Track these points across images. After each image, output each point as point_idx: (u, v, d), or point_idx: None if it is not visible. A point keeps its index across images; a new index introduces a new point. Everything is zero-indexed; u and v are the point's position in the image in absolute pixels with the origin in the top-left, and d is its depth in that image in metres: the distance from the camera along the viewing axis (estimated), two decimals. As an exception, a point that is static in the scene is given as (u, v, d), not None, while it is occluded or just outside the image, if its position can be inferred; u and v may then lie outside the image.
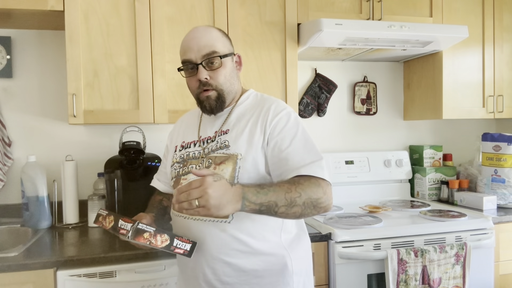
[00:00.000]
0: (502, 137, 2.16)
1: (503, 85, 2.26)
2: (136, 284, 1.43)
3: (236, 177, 1.10)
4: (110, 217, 1.06)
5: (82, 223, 1.87)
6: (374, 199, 2.28)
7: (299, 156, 1.09)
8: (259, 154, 1.12)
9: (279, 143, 1.11)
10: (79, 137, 2.05)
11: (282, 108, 1.17)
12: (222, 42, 1.17)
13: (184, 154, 1.24)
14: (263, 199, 0.98)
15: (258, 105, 1.20)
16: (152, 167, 1.87)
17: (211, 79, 1.15)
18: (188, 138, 1.26)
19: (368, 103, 2.43)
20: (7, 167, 1.94)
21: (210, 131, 1.22)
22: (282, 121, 1.14)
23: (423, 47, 2.05)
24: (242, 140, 1.14)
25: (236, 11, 1.85)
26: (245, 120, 1.18)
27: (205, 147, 1.20)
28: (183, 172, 1.20)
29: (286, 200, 1.00)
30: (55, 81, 2.02)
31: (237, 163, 1.11)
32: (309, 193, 1.03)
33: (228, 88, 1.18)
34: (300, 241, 1.22)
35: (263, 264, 1.12)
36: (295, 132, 1.13)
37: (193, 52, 1.14)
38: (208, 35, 1.15)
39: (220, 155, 1.14)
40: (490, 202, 2.05)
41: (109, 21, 1.73)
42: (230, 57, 1.18)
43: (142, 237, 0.99)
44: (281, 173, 1.10)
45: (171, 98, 1.80)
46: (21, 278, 1.34)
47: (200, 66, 1.14)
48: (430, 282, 1.66)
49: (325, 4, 1.99)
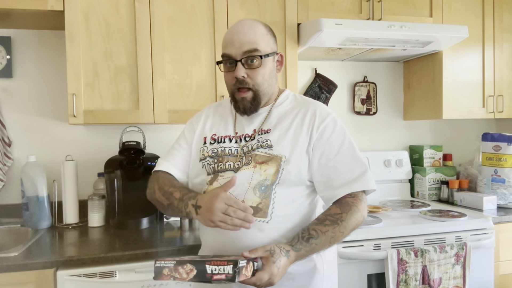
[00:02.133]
0: (502, 137, 2.15)
1: (503, 85, 2.26)
2: (136, 284, 1.43)
3: (278, 179, 1.09)
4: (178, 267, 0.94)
5: (82, 223, 1.87)
6: (374, 199, 2.28)
7: (347, 165, 1.10)
8: (303, 158, 1.11)
9: (327, 151, 1.11)
10: (79, 137, 2.05)
11: (328, 113, 1.15)
12: (266, 40, 1.13)
13: (217, 149, 1.18)
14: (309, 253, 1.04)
15: (300, 106, 1.18)
16: (152, 167, 1.85)
17: (248, 77, 1.12)
18: (221, 132, 1.21)
19: (368, 103, 2.43)
20: (7, 167, 1.94)
21: (248, 129, 1.18)
22: (329, 127, 1.12)
23: (423, 47, 2.05)
24: (286, 141, 1.12)
25: (236, 11, 1.85)
26: (288, 120, 1.15)
27: (243, 145, 1.16)
28: (219, 169, 1.15)
29: (330, 244, 1.06)
30: (55, 81, 2.02)
31: (281, 165, 1.09)
32: (351, 226, 1.07)
33: (265, 89, 1.15)
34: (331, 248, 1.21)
35: (295, 266, 1.09)
36: (343, 139, 1.13)
37: (234, 47, 1.10)
38: (253, 31, 1.11)
39: (262, 154, 1.11)
40: (490, 202, 2.05)
41: (109, 21, 1.73)
42: (271, 56, 1.14)
43: (163, 274, 0.91)
44: (327, 180, 1.11)
45: (171, 98, 1.80)
46: (21, 278, 1.34)
47: (239, 63, 1.10)
48: (430, 282, 1.66)
49: (325, 4, 1.99)
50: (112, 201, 1.83)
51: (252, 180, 1.10)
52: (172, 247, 1.48)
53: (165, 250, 1.47)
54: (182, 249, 1.49)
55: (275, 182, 1.08)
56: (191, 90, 1.82)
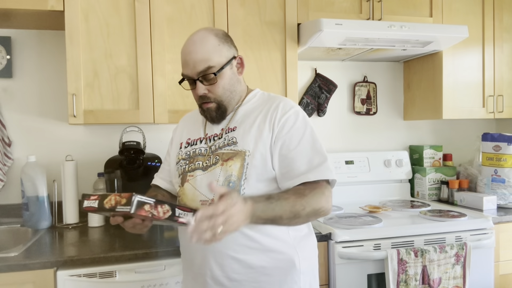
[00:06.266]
0: (502, 137, 2.15)
1: (503, 85, 2.26)
2: (136, 284, 1.43)
3: (244, 173, 1.11)
4: (106, 197, 0.99)
5: (82, 223, 1.87)
6: (374, 199, 2.28)
7: (306, 157, 1.11)
8: (267, 151, 1.12)
9: (287, 142, 1.12)
10: (79, 137, 2.05)
11: (290, 107, 1.17)
12: (219, 52, 1.14)
13: (190, 151, 1.24)
14: (269, 215, 1.00)
15: (265, 103, 1.20)
16: (152, 167, 1.87)
17: (209, 92, 1.15)
18: (194, 136, 1.27)
19: (368, 103, 2.43)
20: (7, 167, 1.94)
21: (216, 129, 1.22)
22: (290, 120, 1.14)
23: (423, 47, 2.05)
24: (250, 136, 1.14)
25: (236, 11, 1.85)
26: (253, 117, 1.18)
27: (211, 144, 1.20)
28: (190, 169, 1.20)
29: (290, 213, 1.02)
30: (55, 81, 2.02)
31: (245, 160, 1.12)
32: (313, 204, 1.05)
33: (228, 98, 1.18)
34: (308, 241, 1.22)
35: (272, 261, 1.12)
36: (303, 131, 1.14)
37: (189, 68, 1.14)
38: (203, 47, 1.12)
39: (227, 151, 1.15)
40: (490, 202, 2.05)
41: (109, 21, 1.73)
42: (228, 65, 1.16)
43: (143, 209, 0.95)
44: (287, 171, 1.11)
45: (171, 98, 1.80)
46: (21, 278, 1.34)
47: (197, 82, 1.14)
48: (430, 282, 1.66)
49: (325, 4, 1.99)
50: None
51: (219, 177, 1.12)
52: (172, 247, 1.48)
53: (165, 250, 1.47)
54: (182, 249, 1.49)
55: (242, 177, 1.10)
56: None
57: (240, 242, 1.10)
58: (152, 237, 1.64)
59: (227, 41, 1.18)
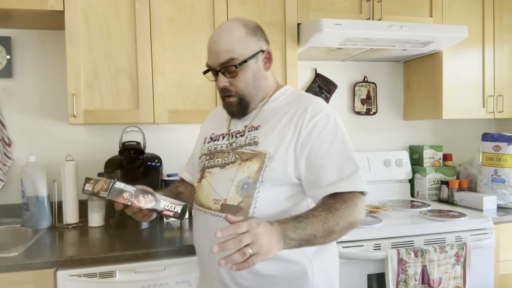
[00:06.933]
0: (502, 137, 2.15)
1: (503, 85, 2.26)
2: (136, 284, 1.43)
3: (261, 176, 1.05)
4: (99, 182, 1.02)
5: (82, 223, 1.87)
6: (374, 199, 2.28)
7: (336, 165, 1.04)
8: (289, 155, 1.06)
9: (316, 148, 1.05)
10: (79, 137, 2.05)
11: (320, 109, 1.09)
12: (244, 44, 1.09)
13: (211, 147, 1.21)
14: (302, 234, 0.93)
15: (294, 102, 1.13)
16: (152, 167, 1.87)
17: (231, 85, 1.11)
18: (218, 131, 1.23)
19: (368, 103, 2.43)
20: (7, 167, 1.94)
21: (240, 126, 1.18)
22: (320, 123, 1.07)
23: (423, 47, 2.05)
24: (272, 138, 1.08)
25: (236, 11, 1.85)
26: (278, 117, 1.11)
27: (233, 141, 1.16)
28: (209, 165, 1.16)
29: (324, 231, 0.95)
30: (55, 81, 2.02)
31: (264, 162, 1.06)
32: (347, 218, 0.98)
33: (251, 93, 1.13)
34: (326, 251, 1.15)
35: (282, 271, 1.06)
36: (334, 136, 1.07)
37: (212, 58, 1.11)
38: (228, 38, 1.08)
39: (247, 151, 1.10)
40: (490, 202, 2.05)
41: (109, 21, 1.73)
42: (253, 59, 1.10)
43: (122, 197, 0.96)
44: (314, 179, 1.05)
45: (171, 98, 1.80)
46: (21, 278, 1.34)
47: (219, 73, 1.10)
48: (430, 282, 1.66)
49: (325, 4, 1.99)
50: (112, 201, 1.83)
51: (235, 177, 1.08)
52: (172, 247, 1.48)
53: (165, 250, 1.47)
54: (182, 249, 1.49)
55: (258, 180, 1.05)
56: (191, 90, 1.82)
57: None
58: (152, 237, 1.64)
59: (256, 34, 1.13)
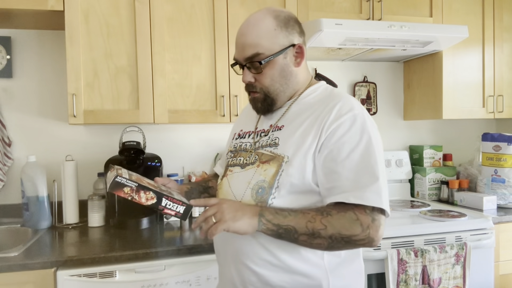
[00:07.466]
0: (502, 137, 2.15)
1: (503, 85, 2.26)
2: (136, 284, 1.43)
3: (276, 181, 0.98)
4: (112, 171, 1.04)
5: (82, 223, 1.87)
6: (374, 199, 2.28)
7: (353, 173, 0.93)
8: (308, 160, 0.97)
9: (335, 152, 0.95)
10: (79, 137, 2.05)
11: (348, 110, 0.98)
12: (272, 38, 1.01)
13: (237, 144, 1.16)
14: (280, 221, 0.91)
15: (323, 101, 1.04)
16: (152, 167, 1.87)
17: (256, 81, 1.05)
18: (246, 128, 1.18)
19: (368, 103, 2.43)
20: (7, 167, 1.94)
21: (266, 124, 1.11)
22: (344, 126, 0.96)
23: (423, 47, 2.05)
24: (292, 141, 1.01)
25: (236, 10, 1.85)
26: (303, 117, 1.03)
27: (257, 141, 1.10)
28: (232, 163, 1.12)
29: (307, 229, 0.91)
30: (55, 81, 2.02)
31: (281, 166, 0.99)
32: (338, 228, 0.91)
33: (277, 90, 1.05)
34: (350, 266, 1.06)
35: (294, 284, 0.99)
36: (358, 141, 0.95)
37: (238, 52, 1.05)
38: (255, 31, 1.01)
39: (267, 153, 1.04)
40: (490, 202, 2.05)
41: (109, 21, 1.73)
42: (282, 54, 1.02)
43: (122, 191, 0.96)
44: (331, 187, 0.95)
45: (171, 98, 1.80)
46: (21, 278, 1.34)
47: (245, 68, 1.05)
48: (430, 282, 1.66)
49: (325, 4, 1.99)
50: (112, 201, 1.83)
51: (252, 179, 1.03)
52: (172, 247, 1.48)
53: (165, 250, 1.47)
54: (182, 249, 1.49)
55: (273, 185, 0.98)
56: (191, 90, 1.82)
57: (261, 255, 1.00)
58: (152, 237, 1.64)
59: (288, 26, 1.04)
